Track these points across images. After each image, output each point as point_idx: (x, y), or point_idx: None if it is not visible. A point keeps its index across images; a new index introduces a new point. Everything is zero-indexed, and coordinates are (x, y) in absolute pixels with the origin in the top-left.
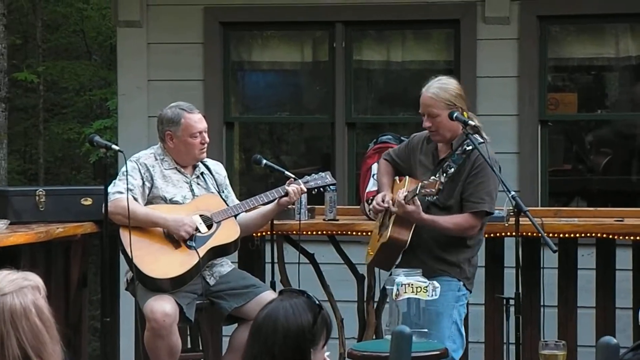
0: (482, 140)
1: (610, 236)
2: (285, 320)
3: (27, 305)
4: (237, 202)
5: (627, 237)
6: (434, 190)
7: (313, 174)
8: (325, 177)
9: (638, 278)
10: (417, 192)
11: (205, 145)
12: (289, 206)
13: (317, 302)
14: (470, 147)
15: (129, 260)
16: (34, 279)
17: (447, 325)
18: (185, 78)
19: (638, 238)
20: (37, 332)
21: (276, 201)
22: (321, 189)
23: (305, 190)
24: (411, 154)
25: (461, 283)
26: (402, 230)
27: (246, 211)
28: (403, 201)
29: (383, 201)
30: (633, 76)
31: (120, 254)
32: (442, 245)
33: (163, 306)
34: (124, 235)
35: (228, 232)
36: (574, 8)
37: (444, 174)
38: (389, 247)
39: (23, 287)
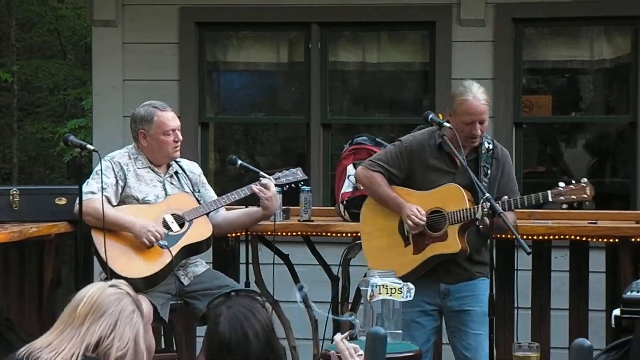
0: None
1: (584, 238)
2: (250, 325)
3: (136, 320)
4: (216, 197)
5: (600, 240)
6: (586, 195)
7: (284, 170)
8: (297, 173)
9: (611, 280)
10: (565, 198)
11: (179, 143)
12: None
13: (253, 290)
14: (491, 146)
15: (102, 262)
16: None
17: (487, 323)
18: (161, 78)
19: (611, 240)
20: (127, 345)
21: (261, 206)
22: (293, 185)
23: (273, 181)
24: (414, 160)
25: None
26: (463, 239)
27: (226, 207)
28: (500, 209)
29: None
30: (607, 79)
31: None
32: (477, 248)
33: None
34: (96, 236)
35: (200, 231)
36: (548, 11)
37: (485, 176)
38: (446, 257)
39: (140, 310)
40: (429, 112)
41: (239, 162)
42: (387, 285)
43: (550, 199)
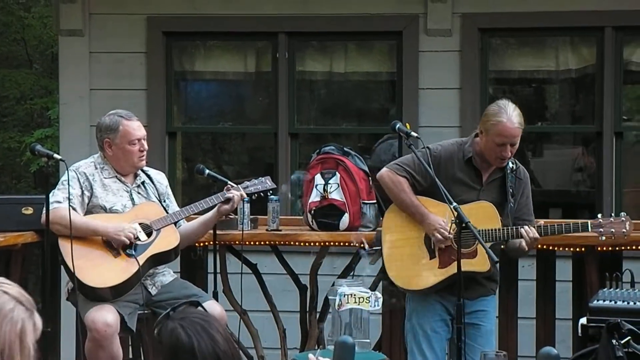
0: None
1: (551, 247)
2: (212, 326)
3: (17, 316)
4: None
5: (566, 249)
6: (625, 230)
7: (253, 179)
8: (265, 182)
9: (577, 289)
10: (605, 230)
11: (144, 152)
12: (232, 215)
13: (189, 300)
14: (515, 166)
15: (69, 271)
16: (39, 322)
17: (494, 340)
18: (128, 87)
19: (577, 250)
20: (5, 343)
21: (216, 208)
22: (261, 193)
23: (245, 195)
24: (440, 170)
25: None
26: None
27: (186, 219)
28: (537, 235)
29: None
30: (573, 89)
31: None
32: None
33: (104, 316)
34: (63, 245)
35: (168, 240)
36: (514, 21)
37: (512, 197)
38: (472, 275)
39: (23, 304)
40: (395, 122)
41: (207, 171)
42: (355, 294)
43: (589, 230)
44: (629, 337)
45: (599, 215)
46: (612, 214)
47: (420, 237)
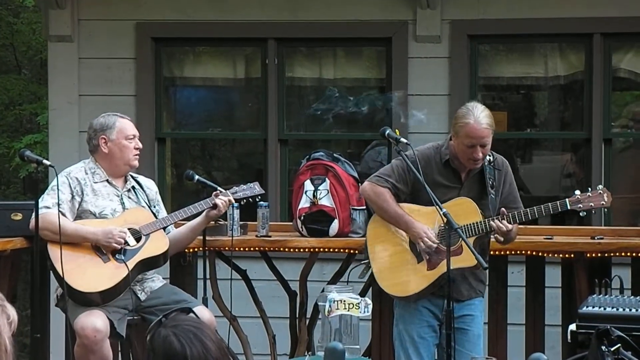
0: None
1: (540, 254)
2: (204, 333)
3: None
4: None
5: (556, 255)
6: (605, 202)
7: (241, 185)
8: (254, 187)
9: (567, 295)
10: (584, 205)
11: (139, 151)
12: (221, 221)
13: (180, 308)
14: (492, 158)
15: (58, 276)
16: (12, 314)
17: (481, 345)
18: (117, 93)
19: (567, 256)
20: None
21: (204, 213)
22: (250, 199)
23: (234, 200)
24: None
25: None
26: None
27: (175, 224)
28: (510, 226)
29: (427, 236)
30: (561, 95)
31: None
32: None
33: (93, 322)
34: (52, 250)
35: (157, 244)
36: (503, 28)
37: (492, 188)
38: (461, 271)
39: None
40: (385, 128)
41: (197, 177)
42: (344, 301)
43: (568, 207)
44: (619, 345)
45: (577, 192)
46: (590, 188)
47: (406, 242)
